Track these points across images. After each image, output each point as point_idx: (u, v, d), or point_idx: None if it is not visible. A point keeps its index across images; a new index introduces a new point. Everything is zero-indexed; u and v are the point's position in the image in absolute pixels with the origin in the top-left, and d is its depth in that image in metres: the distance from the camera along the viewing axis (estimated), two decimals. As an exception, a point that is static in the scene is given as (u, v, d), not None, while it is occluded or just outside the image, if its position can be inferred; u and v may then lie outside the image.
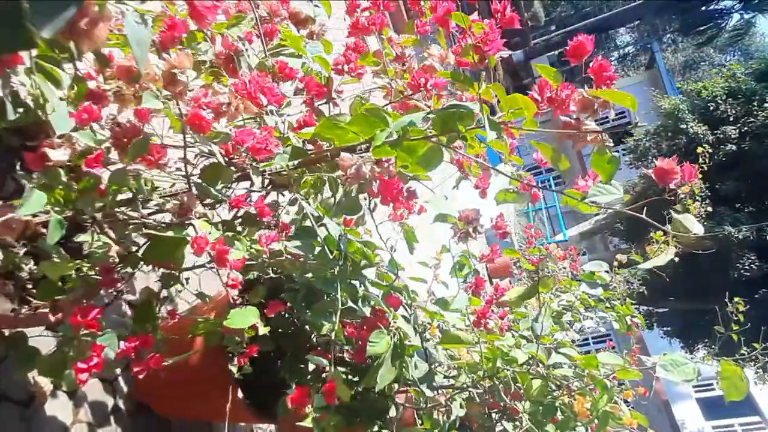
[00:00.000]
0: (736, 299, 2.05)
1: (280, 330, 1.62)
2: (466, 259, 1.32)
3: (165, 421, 1.70)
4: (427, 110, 0.82)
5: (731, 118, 8.23)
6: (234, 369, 1.12)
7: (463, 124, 0.75)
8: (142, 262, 0.93)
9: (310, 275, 1.12)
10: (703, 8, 19.36)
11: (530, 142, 0.87)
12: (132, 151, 0.73)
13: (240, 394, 1.47)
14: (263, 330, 1.05)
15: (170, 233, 0.85)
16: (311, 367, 1.55)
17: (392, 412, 1.55)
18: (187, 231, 0.90)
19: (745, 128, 8.09)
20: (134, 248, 0.92)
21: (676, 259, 2.75)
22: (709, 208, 2.72)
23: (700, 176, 2.97)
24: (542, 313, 1.15)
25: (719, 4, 19.29)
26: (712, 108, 8.47)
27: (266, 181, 1.27)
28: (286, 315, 1.61)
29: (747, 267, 7.61)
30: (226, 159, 0.93)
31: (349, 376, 1.45)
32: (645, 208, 0.85)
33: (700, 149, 2.85)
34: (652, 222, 0.84)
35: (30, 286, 1.02)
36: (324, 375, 1.45)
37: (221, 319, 1.19)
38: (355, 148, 0.99)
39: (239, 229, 1.27)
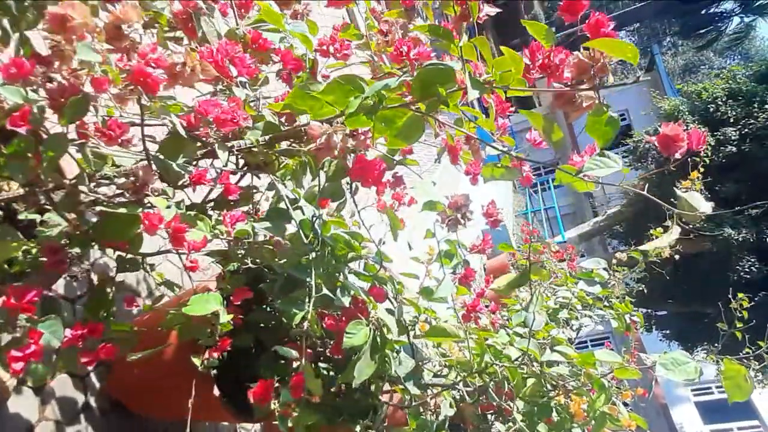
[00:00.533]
0: (740, 295, 1.98)
1: (262, 325, 1.54)
2: (454, 248, 1.24)
3: (139, 420, 1.62)
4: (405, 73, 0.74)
5: (731, 120, 8.16)
6: (197, 361, 1.03)
7: (444, 87, 0.68)
8: (93, 243, 0.85)
9: (284, 261, 1.04)
10: (704, 11, 19.36)
11: (520, 111, 0.79)
12: (69, 111, 0.65)
13: (216, 392, 1.40)
14: (225, 317, 0.97)
15: (123, 210, 0.77)
16: (296, 363, 1.47)
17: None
18: (145, 209, 0.82)
19: (746, 130, 8.02)
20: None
21: (677, 257, 2.65)
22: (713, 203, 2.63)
23: (701, 174, 2.90)
24: (533, 302, 1.07)
25: (719, 8, 19.30)
26: (712, 109, 8.40)
27: (241, 163, 1.19)
28: (268, 308, 1.53)
29: (747, 270, 7.53)
30: (189, 131, 0.85)
31: (331, 373, 1.37)
32: (647, 185, 0.76)
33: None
34: (658, 200, 0.76)
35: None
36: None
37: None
38: (332, 122, 0.91)
39: (211, 213, 1.19)
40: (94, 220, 0.95)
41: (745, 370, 1.27)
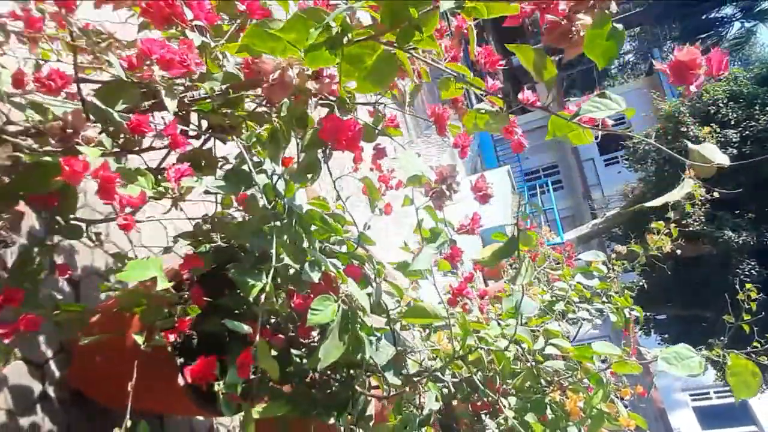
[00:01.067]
0: (748, 286, 1.88)
1: (237, 311, 1.44)
2: (437, 226, 1.13)
3: (102, 412, 1.50)
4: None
5: (732, 122, 8.07)
6: (140, 339, 0.93)
7: (416, 8, 0.57)
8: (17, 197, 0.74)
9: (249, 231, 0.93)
10: (704, 16, 19.32)
11: (508, 46, 0.69)
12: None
13: (180, 380, 1.29)
14: (165, 284, 0.86)
15: (47, 159, 0.66)
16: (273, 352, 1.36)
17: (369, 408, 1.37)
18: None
19: (747, 132, 7.94)
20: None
21: (678, 251, 2.53)
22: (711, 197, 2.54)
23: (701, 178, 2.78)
24: (522, 273, 0.96)
25: (720, 12, 19.26)
26: (713, 111, 8.31)
27: (205, 127, 1.09)
28: (240, 292, 1.42)
29: (747, 273, 7.44)
30: (131, 75, 0.75)
31: (305, 360, 1.26)
32: (653, 135, 0.66)
33: (706, 129, 2.68)
34: (673, 154, 0.65)
35: None
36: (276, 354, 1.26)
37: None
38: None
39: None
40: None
41: (753, 365, 1.17)
